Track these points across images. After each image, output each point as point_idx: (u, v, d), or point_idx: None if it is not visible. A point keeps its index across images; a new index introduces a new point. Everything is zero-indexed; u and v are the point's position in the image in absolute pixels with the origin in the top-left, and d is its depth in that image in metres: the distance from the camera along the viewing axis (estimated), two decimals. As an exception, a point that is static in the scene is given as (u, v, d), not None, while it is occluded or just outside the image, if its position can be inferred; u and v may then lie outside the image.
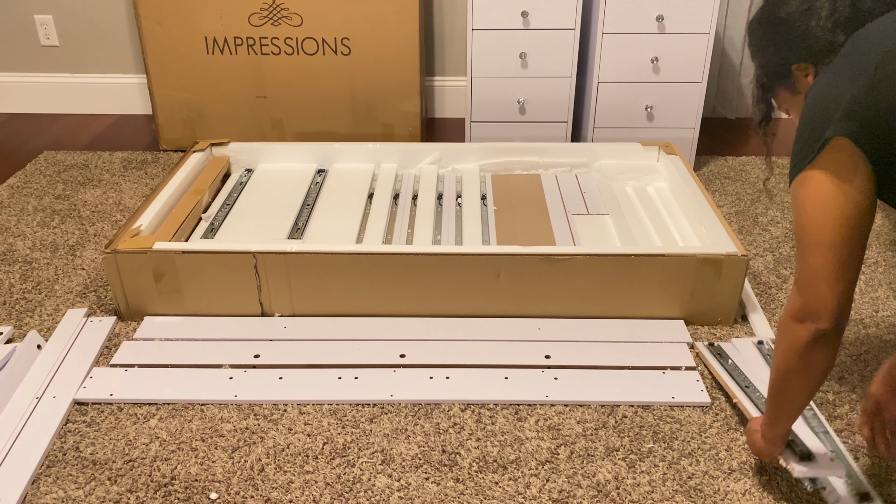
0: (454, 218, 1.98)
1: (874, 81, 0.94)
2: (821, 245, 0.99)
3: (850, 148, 0.96)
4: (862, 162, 0.97)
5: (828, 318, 1.00)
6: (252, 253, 1.64)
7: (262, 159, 2.23)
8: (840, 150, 0.97)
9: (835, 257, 0.99)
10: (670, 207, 2.01)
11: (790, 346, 1.05)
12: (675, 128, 2.39)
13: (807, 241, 1.01)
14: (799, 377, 1.07)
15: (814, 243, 1.00)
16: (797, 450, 1.23)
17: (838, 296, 1.00)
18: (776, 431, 1.18)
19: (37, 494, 1.27)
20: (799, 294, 1.03)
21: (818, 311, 1.00)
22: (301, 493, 1.27)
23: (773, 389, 1.13)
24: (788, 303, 1.05)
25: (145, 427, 1.42)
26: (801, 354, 1.04)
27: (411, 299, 1.68)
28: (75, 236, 2.07)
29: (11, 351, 1.57)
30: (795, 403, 1.12)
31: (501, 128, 2.42)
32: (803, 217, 1.01)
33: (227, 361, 1.57)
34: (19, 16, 2.82)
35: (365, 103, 2.57)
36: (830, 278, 0.99)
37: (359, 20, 2.45)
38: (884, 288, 1.84)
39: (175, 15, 2.44)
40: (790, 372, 1.07)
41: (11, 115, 2.95)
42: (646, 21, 2.24)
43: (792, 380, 1.08)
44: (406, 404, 1.47)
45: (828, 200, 0.98)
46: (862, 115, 0.95)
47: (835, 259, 0.99)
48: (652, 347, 1.61)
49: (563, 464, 1.33)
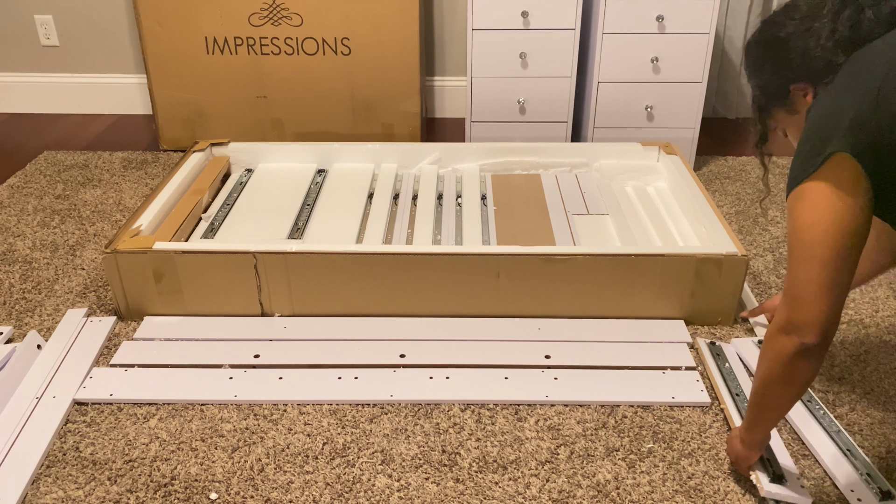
0: (454, 218, 1.98)
1: (879, 99, 0.94)
2: (812, 259, 0.99)
3: (851, 164, 0.96)
4: (862, 178, 0.97)
5: (814, 332, 1.00)
6: (252, 253, 1.64)
7: (262, 159, 2.23)
8: (841, 165, 0.97)
9: (825, 273, 0.98)
10: (670, 207, 2.01)
11: (775, 356, 1.05)
12: (675, 128, 2.39)
13: (799, 255, 1.01)
14: (781, 387, 1.07)
15: (806, 257, 1.00)
16: (770, 470, 1.24)
17: (826, 311, 0.99)
18: (753, 436, 1.19)
19: (37, 494, 1.27)
20: (787, 307, 1.02)
21: (805, 325, 1.00)
22: (301, 493, 1.27)
23: (754, 396, 1.14)
24: (776, 314, 1.05)
25: (145, 427, 1.42)
26: (784, 365, 1.04)
27: (411, 299, 1.68)
28: (75, 236, 2.07)
29: (11, 351, 1.57)
30: (775, 412, 1.13)
31: (501, 128, 2.42)
32: (798, 230, 1.01)
33: (227, 361, 1.57)
34: (19, 16, 2.82)
35: (365, 103, 2.57)
36: (820, 293, 0.99)
37: (359, 20, 2.45)
38: (884, 288, 1.84)
39: (175, 15, 2.44)
40: (772, 381, 1.08)
41: (11, 115, 2.95)
42: (646, 21, 2.24)
43: (774, 389, 1.08)
44: (406, 404, 1.47)
45: (824, 215, 0.98)
46: (865, 131, 0.95)
47: (825, 275, 0.98)
48: (652, 347, 1.61)
49: (563, 464, 1.33)
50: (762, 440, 1.20)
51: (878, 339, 1.66)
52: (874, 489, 1.25)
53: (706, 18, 2.23)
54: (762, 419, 1.16)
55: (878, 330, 1.69)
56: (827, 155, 0.97)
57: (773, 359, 1.05)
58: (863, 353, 1.61)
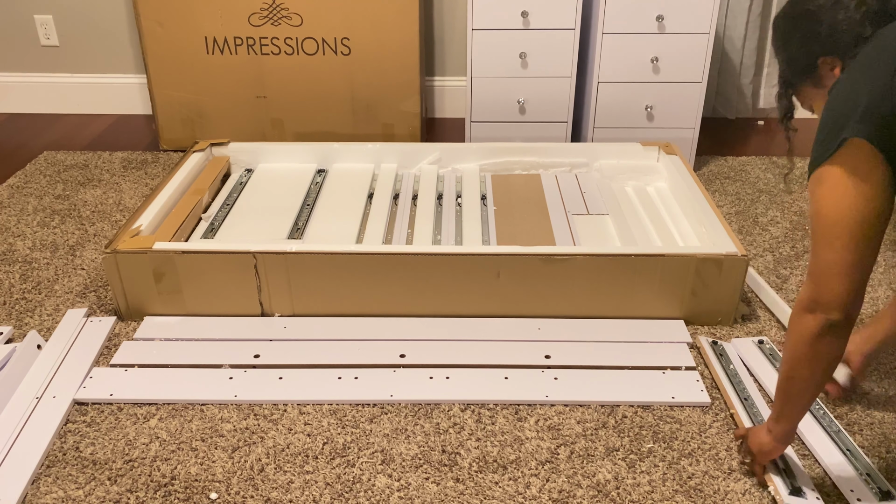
0: (454, 218, 1.98)
1: (892, 85, 0.94)
2: (835, 241, 1.00)
3: (867, 148, 0.97)
4: (879, 162, 0.98)
5: (838, 309, 1.02)
6: (252, 253, 1.64)
7: (262, 159, 2.23)
8: (857, 150, 0.98)
9: (848, 254, 1.00)
10: (670, 207, 2.01)
11: (800, 336, 1.06)
12: (675, 128, 2.39)
13: (821, 236, 1.02)
14: (807, 367, 1.08)
15: (828, 239, 1.01)
16: (789, 482, 1.24)
17: (849, 289, 1.01)
18: (782, 426, 1.19)
19: (37, 494, 1.27)
20: (811, 285, 1.04)
21: (829, 302, 1.02)
22: (301, 493, 1.27)
23: (781, 383, 1.14)
24: (800, 294, 1.06)
25: (145, 427, 1.42)
26: (810, 344, 1.05)
27: (411, 299, 1.68)
28: (75, 236, 2.07)
29: (11, 351, 1.57)
30: (803, 397, 1.13)
31: (501, 128, 2.42)
32: (819, 213, 1.02)
33: (227, 361, 1.57)
34: (19, 16, 2.82)
35: (365, 103, 2.57)
36: (843, 273, 1.01)
37: (359, 20, 2.45)
38: (884, 288, 1.84)
39: (175, 15, 2.44)
40: (798, 362, 1.08)
41: (11, 115, 2.95)
42: (646, 21, 2.23)
43: (800, 371, 1.09)
44: (406, 404, 1.47)
45: (843, 198, 0.99)
46: (878, 117, 0.95)
47: (848, 255, 1.00)
48: (652, 347, 1.61)
49: (563, 464, 1.33)
50: (789, 431, 1.19)
51: (878, 339, 1.66)
52: (874, 489, 1.25)
53: (706, 18, 2.22)
54: (791, 406, 1.15)
55: (878, 330, 1.69)
56: (841, 140, 0.98)
57: (798, 338, 1.07)
58: (863, 353, 1.61)
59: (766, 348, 1.61)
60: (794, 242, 2.05)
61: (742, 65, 2.74)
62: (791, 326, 1.09)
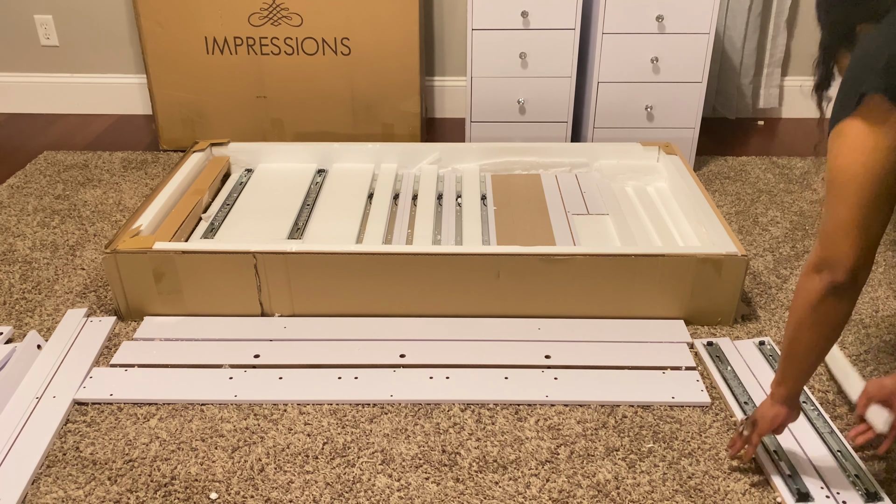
0: (454, 218, 1.98)
1: None
2: (848, 198, 1.00)
3: (885, 105, 0.96)
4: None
5: (844, 270, 1.01)
6: (252, 253, 1.64)
7: (261, 159, 2.23)
8: (876, 106, 0.97)
9: (859, 211, 0.99)
10: (670, 207, 2.01)
11: (805, 297, 1.06)
12: (675, 128, 2.39)
13: (834, 193, 1.02)
14: (810, 330, 1.08)
15: (841, 196, 1.01)
16: (794, 488, 1.24)
17: (857, 249, 1.00)
18: (784, 390, 1.18)
19: (37, 494, 1.27)
20: (820, 245, 1.04)
21: (835, 262, 1.02)
22: (301, 493, 1.27)
23: (785, 345, 1.14)
24: (810, 254, 1.06)
25: (145, 427, 1.42)
26: (814, 305, 1.05)
27: (411, 299, 1.68)
28: (75, 236, 2.07)
29: (11, 351, 1.57)
30: (806, 360, 1.12)
31: (501, 128, 2.42)
32: (835, 169, 1.02)
33: (227, 361, 1.57)
34: (19, 16, 2.82)
35: (365, 103, 2.57)
36: (852, 232, 1.00)
37: (359, 20, 2.45)
38: (884, 288, 1.84)
39: (175, 15, 2.44)
40: (802, 324, 1.08)
41: (11, 115, 2.95)
42: (646, 21, 2.24)
43: (804, 332, 1.09)
44: (406, 404, 1.47)
45: (859, 155, 0.99)
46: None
47: (858, 213, 0.99)
48: (652, 347, 1.61)
49: (563, 464, 1.33)
50: (790, 396, 1.18)
51: (878, 339, 1.66)
52: (861, 490, 1.25)
53: (706, 18, 2.23)
54: (793, 369, 1.15)
55: (878, 330, 1.69)
56: (860, 96, 0.97)
57: (804, 299, 1.07)
58: (863, 353, 1.61)
59: (767, 350, 1.61)
60: (794, 242, 2.05)
61: (742, 65, 2.74)
62: (798, 288, 1.08)
